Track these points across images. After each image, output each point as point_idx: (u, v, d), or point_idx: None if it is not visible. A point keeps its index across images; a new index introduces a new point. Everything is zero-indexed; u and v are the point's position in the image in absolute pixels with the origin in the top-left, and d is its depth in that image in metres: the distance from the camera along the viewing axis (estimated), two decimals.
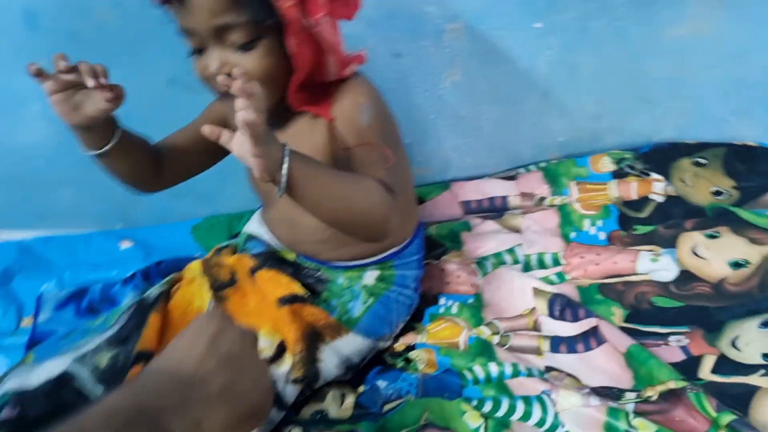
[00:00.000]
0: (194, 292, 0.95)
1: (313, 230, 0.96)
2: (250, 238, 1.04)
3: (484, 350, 0.95)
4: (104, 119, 0.88)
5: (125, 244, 1.31)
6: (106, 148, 0.91)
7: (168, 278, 0.98)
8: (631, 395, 0.84)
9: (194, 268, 0.98)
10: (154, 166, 0.98)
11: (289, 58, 0.81)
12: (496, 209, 1.23)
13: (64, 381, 0.86)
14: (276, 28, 0.79)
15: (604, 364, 0.89)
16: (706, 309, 0.95)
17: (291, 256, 1.00)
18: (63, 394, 0.85)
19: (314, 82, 0.86)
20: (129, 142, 0.93)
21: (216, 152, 1.00)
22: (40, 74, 0.84)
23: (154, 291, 0.95)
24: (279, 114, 0.90)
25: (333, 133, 0.87)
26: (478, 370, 0.92)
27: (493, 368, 0.91)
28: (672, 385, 0.81)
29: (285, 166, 0.72)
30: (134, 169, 0.96)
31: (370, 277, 0.99)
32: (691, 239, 1.06)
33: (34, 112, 1.27)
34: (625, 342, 0.89)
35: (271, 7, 0.77)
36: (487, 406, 0.86)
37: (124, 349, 0.89)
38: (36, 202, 1.37)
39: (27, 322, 1.18)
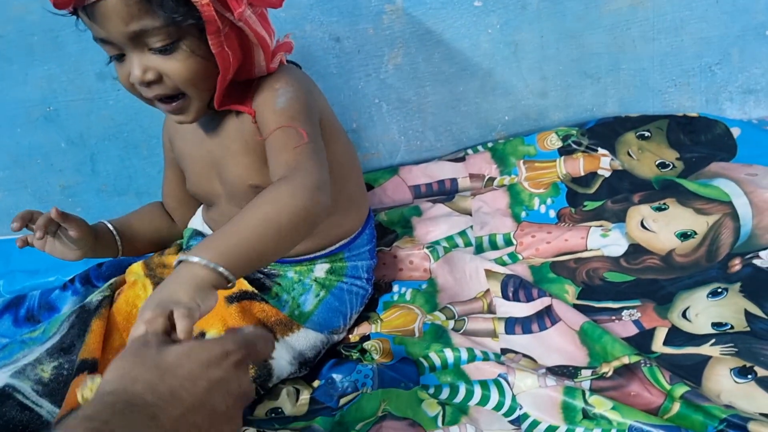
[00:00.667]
0: (138, 294, 0.91)
1: None
2: (196, 234, 1.00)
3: (439, 336, 0.94)
4: (93, 235, 0.95)
5: None
6: (121, 251, 1.00)
7: (109, 282, 0.94)
8: (586, 373, 0.84)
9: (136, 270, 0.94)
10: (169, 224, 1.07)
11: (206, 56, 0.78)
12: (445, 192, 1.21)
13: (5, 396, 0.81)
14: (197, 27, 0.75)
15: (559, 343, 0.89)
16: (656, 282, 0.96)
17: None
18: (5, 409, 0.81)
19: (242, 78, 0.82)
20: (134, 232, 1.02)
21: None
22: (25, 243, 0.92)
23: (95, 296, 0.91)
24: (209, 117, 0.87)
25: (257, 127, 0.84)
26: (434, 357, 0.90)
27: (449, 354, 0.90)
28: (626, 360, 0.81)
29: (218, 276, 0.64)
30: (155, 239, 1.05)
31: (321, 270, 0.96)
32: (639, 212, 1.07)
33: None
34: (579, 320, 0.89)
35: (189, 6, 0.73)
36: (445, 393, 0.85)
37: (67, 358, 0.85)
38: None
39: None
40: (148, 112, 1.20)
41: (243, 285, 0.91)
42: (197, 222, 1.02)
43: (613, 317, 0.91)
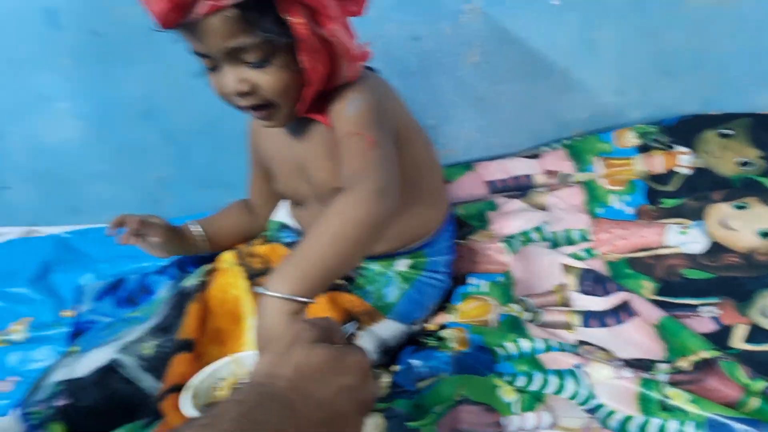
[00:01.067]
0: (230, 281, 0.97)
1: None
2: (282, 227, 1.06)
3: (515, 327, 0.96)
4: (178, 237, 1.04)
5: None
6: (208, 248, 1.07)
7: (203, 268, 1.01)
8: (663, 366, 0.85)
9: (227, 258, 1.00)
10: (251, 220, 1.12)
11: (296, 70, 0.81)
12: (520, 188, 1.23)
13: (111, 369, 0.89)
14: (288, 43, 0.79)
15: (635, 337, 0.90)
16: (736, 279, 0.95)
17: None
18: (111, 382, 0.88)
19: (325, 88, 0.86)
20: (219, 231, 1.09)
21: None
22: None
23: (191, 281, 0.97)
24: (296, 122, 0.91)
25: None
26: (510, 347, 0.93)
27: (525, 344, 0.93)
28: (704, 354, 0.82)
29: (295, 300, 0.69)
30: (239, 235, 1.11)
31: (403, 264, 1.00)
32: (720, 211, 1.06)
33: (61, 110, 1.30)
34: (657, 314, 0.90)
35: (283, 25, 0.77)
36: (521, 381, 0.87)
37: (166, 338, 0.92)
38: (69, 197, 1.40)
39: (67, 314, 1.21)
40: (238, 111, 1.28)
41: None
42: (282, 215, 1.07)
43: (691, 313, 0.92)
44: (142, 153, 1.35)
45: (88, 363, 0.91)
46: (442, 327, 1.01)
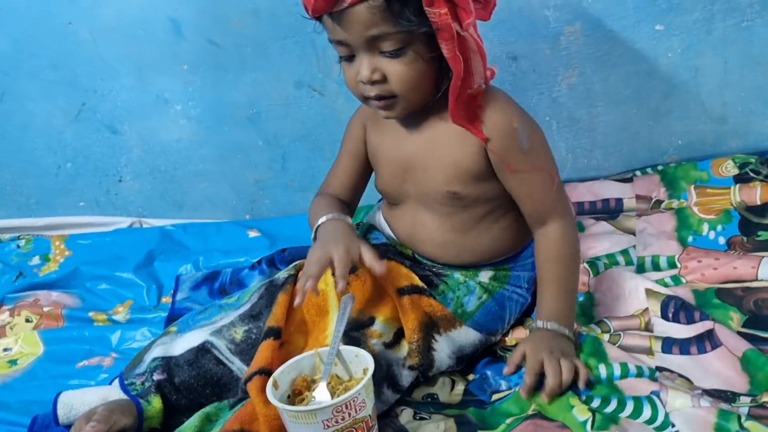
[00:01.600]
0: None
1: (434, 233, 1.01)
2: (371, 228, 1.10)
3: (595, 348, 0.95)
4: None
5: (253, 233, 1.41)
6: None
7: (295, 263, 1.06)
8: (745, 399, 0.82)
9: None
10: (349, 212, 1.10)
11: (432, 64, 0.87)
12: (609, 211, 1.23)
13: (204, 350, 0.96)
14: (423, 36, 0.85)
15: (718, 367, 0.88)
16: None
17: (408, 252, 1.05)
18: (204, 362, 0.95)
19: (463, 91, 0.89)
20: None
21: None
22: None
23: (282, 274, 1.02)
24: (422, 117, 0.96)
25: (483, 150, 0.93)
26: None
27: (603, 370, 0.92)
28: None
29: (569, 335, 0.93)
30: None
31: (485, 275, 1.02)
32: None
33: (177, 111, 1.41)
34: (742, 346, 0.87)
35: (423, 15, 0.82)
36: (596, 403, 0.87)
37: (256, 324, 0.97)
38: (175, 193, 1.51)
39: (166, 300, 1.30)
40: (335, 119, 1.34)
41: (414, 280, 0.98)
42: (375, 218, 1.11)
43: None
44: (244, 155, 1.44)
45: (183, 343, 0.98)
46: None
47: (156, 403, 0.93)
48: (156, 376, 0.94)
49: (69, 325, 1.27)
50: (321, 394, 0.84)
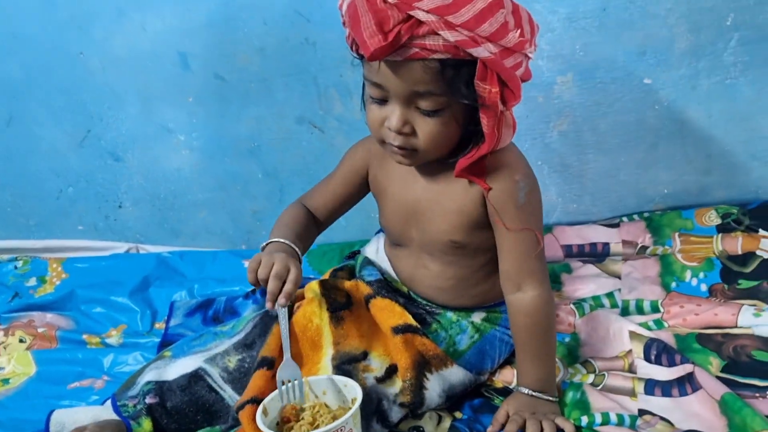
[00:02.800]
0: (314, 311, 1.01)
1: (435, 277, 1.04)
2: (367, 262, 1.12)
3: (578, 400, 0.97)
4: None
5: (248, 263, 1.43)
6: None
7: None
8: None
9: (314, 288, 1.05)
10: (314, 238, 1.10)
11: (461, 128, 0.89)
12: (596, 254, 1.27)
13: (197, 377, 0.98)
14: (462, 103, 0.86)
15: (698, 410, 0.91)
16: None
17: (404, 289, 1.08)
18: (197, 388, 0.97)
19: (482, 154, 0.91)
20: (304, 244, 1.04)
21: (362, 192, 1.11)
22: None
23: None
24: (431, 164, 0.98)
25: (483, 200, 0.95)
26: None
27: (584, 420, 0.93)
28: None
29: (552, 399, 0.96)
30: (310, 243, 1.08)
31: (478, 316, 1.05)
32: None
33: (180, 142, 1.45)
34: (720, 390, 0.90)
35: (471, 88, 0.84)
36: None
37: (249, 354, 1.00)
38: (173, 220, 1.54)
39: (159, 326, 1.32)
40: (334, 155, 1.37)
41: (407, 319, 1.00)
42: (371, 251, 1.14)
43: (758, 394, 0.92)
44: (244, 187, 1.47)
45: (177, 368, 1.00)
46: (508, 390, 1.03)
47: (146, 425, 0.95)
48: (148, 400, 0.96)
49: (62, 347, 1.28)
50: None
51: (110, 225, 1.55)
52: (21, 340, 1.29)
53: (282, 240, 0.99)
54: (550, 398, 0.95)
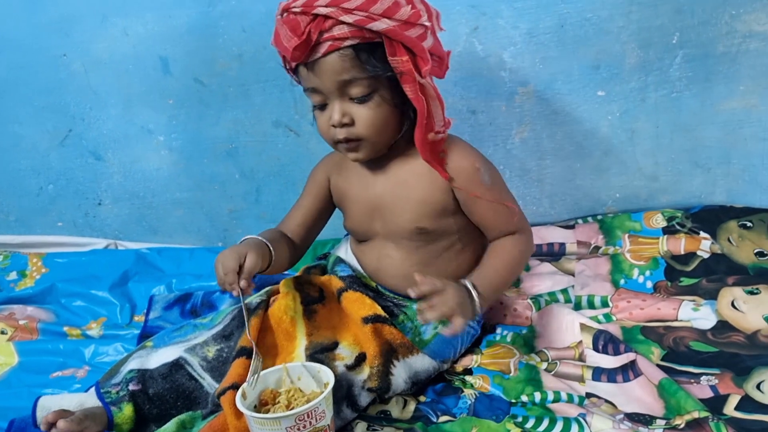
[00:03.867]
0: (288, 304, 1.08)
1: (400, 267, 1.12)
2: (339, 261, 1.20)
3: (531, 378, 1.06)
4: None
5: None
6: (268, 269, 1.07)
7: (267, 289, 1.15)
8: (660, 422, 0.94)
9: (288, 282, 1.13)
10: (292, 255, 1.16)
11: (395, 110, 1.00)
12: (553, 254, 1.36)
13: (178, 365, 1.04)
14: (387, 83, 0.97)
15: (639, 394, 1.00)
16: (738, 355, 1.05)
17: (372, 284, 1.16)
18: (177, 376, 1.03)
19: (425, 134, 1.01)
20: (277, 256, 1.08)
21: (330, 206, 1.20)
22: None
23: (254, 299, 1.11)
24: (387, 161, 1.08)
25: (448, 186, 1.05)
26: (525, 399, 1.03)
27: (537, 396, 1.03)
28: (696, 414, 0.91)
29: (477, 305, 0.99)
30: (285, 263, 1.15)
31: None
32: (732, 293, 1.16)
33: (159, 142, 1.50)
34: (659, 375, 1.00)
35: (387, 63, 0.95)
36: (530, 423, 0.98)
37: (227, 344, 1.06)
38: (151, 218, 1.59)
39: (139, 319, 1.38)
40: (308, 157, 1.45)
41: (377, 310, 1.07)
42: (342, 251, 1.21)
43: (692, 380, 1.01)
44: (221, 187, 1.53)
45: (158, 357, 1.06)
46: (468, 371, 1.12)
47: (127, 410, 1.00)
48: (131, 387, 1.02)
49: (43, 338, 1.33)
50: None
51: (89, 222, 1.60)
52: (2, 332, 1.33)
53: (247, 237, 1.06)
54: (477, 305, 0.98)
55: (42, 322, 1.36)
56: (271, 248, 1.05)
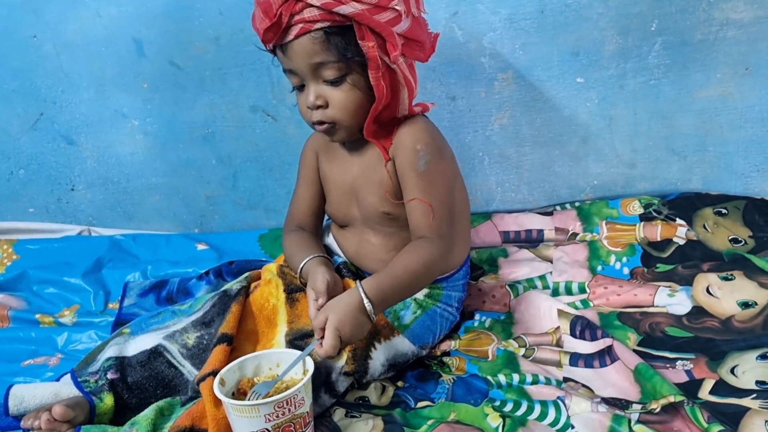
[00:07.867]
0: (271, 291, 1.09)
1: (377, 250, 1.12)
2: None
3: (509, 362, 1.08)
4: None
5: (201, 246, 1.48)
6: None
7: (246, 275, 1.14)
8: (636, 407, 0.95)
9: (271, 269, 1.12)
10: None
11: (367, 94, 0.99)
12: (531, 240, 1.36)
13: (157, 353, 1.03)
14: (361, 67, 0.98)
15: (615, 379, 1.01)
16: (712, 341, 1.06)
17: (353, 269, 1.15)
18: (156, 364, 1.02)
19: (387, 116, 1.02)
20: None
21: None
22: None
23: (235, 285, 1.10)
24: (363, 143, 1.07)
25: (393, 170, 1.04)
26: (502, 378, 1.04)
27: (515, 377, 1.04)
28: (672, 399, 0.93)
29: (371, 315, 0.94)
30: None
31: (421, 292, 1.12)
32: (707, 279, 1.18)
33: (134, 126, 1.48)
34: (635, 360, 1.01)
35: (358, 47, 0.95)
36: (508, 407, 0.98)
37: (207, 331, 1.05)
38: (126, 204, 1.57)
39: (113, 306, 1.36)
40: (286, 143, 1.44)
41: None
42: (329, 240, 1.20)
43: (668, 365, 1.03)
44: (197, 172, 1.51)
45: (136, 345, 1.05)
46: (446, 353, 1.13)
47: (108, 400, 0.99)
48: (110, 375, 1.00)
49: (14, 326, 1.31)
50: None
51: (62, 208, 1.57)
52: None
53: (306, 259, 1.07)
54: (369, 314, 0.94)
55: (13, 310, 1.34)
56: (324, 254, 1.10)
